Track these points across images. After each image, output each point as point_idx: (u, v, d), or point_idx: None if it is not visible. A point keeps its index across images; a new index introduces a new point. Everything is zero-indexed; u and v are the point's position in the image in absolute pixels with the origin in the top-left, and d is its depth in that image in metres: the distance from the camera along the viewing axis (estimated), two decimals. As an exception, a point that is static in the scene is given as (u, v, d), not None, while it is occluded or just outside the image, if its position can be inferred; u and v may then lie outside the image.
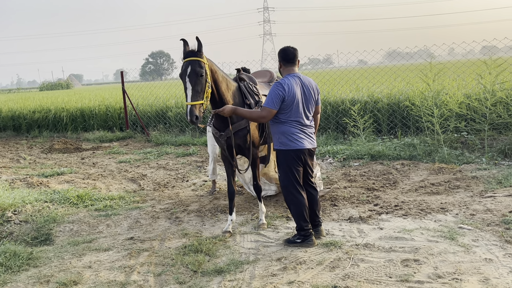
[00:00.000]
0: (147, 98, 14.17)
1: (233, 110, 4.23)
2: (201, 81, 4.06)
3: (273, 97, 4.05)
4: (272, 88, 4.10)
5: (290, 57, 4.22)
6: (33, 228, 5.11)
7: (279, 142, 4.21)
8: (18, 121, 15.03)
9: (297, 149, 4.16)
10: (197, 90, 4.05)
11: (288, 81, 4.11)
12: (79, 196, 6.18)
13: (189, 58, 4.11)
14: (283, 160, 4.22)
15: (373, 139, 8.64)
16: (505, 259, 3.72)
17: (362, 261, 3.83)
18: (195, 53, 4.13)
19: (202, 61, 4.12)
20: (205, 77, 4.10)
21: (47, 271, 4.02)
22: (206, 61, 4.18)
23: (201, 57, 4.13)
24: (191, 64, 4.08)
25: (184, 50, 4.18)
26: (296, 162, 4.19)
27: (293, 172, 4.20)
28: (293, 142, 4.15)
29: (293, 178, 4.21)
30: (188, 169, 8.09)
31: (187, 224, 5.12)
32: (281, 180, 4.32)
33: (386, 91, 10.05)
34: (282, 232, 4.67)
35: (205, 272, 3.83)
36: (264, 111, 4.09)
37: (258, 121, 4.25)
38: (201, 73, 4.05)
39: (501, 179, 5.90)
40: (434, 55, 10.16)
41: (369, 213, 5.08)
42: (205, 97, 4.10)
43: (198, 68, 4.06)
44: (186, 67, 4.09)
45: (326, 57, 21.55)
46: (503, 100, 7.50)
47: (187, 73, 4.06)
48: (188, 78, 4.06)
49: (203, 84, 4.08)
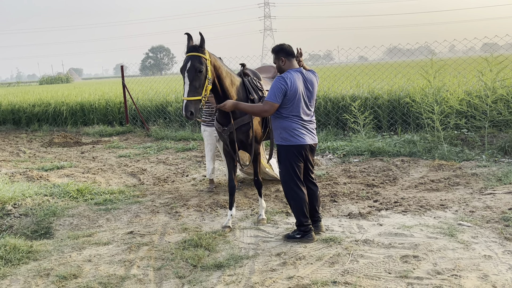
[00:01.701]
0: (147, 92, 14.15)
1: (235, 105, 4.23)
2: (200, 77, 4.05)
3: (275, 91, 4.04)
4: (274, 82, 4.09)
5: (291, 51, 4.23)
6: (33, 221, 5.12)
7: (281, 137, 4.20)
8: (18, 115, 15.02)
9: (298, 145, 4.16)
10: (195, 86, 4.04)
11: (291, 76, 4.09)
12: (79, 190, 6.18)
13: (190, 53, 4.10)
14: (285, 155, 4.22)
15: (373, 136, 8.64)
16: (504, 256, 3.72)
17: (361, 257, 3.84)
18: (197, 49, 4.11)
19: (204, 57, 4.10)
20: (205, 73, 4.08)
21: (47, 265, 4.03)
22: (208, 57, 4.16)
23: (202, 52, 4.11)
24: (191, 59, 4.07)
25: (187, 44, 4.17)
26: (297, 157, 4.19)
27: (294, 167, 4.20)
28: (294, 138, 4.15)
29: (294, 174, 4.21)
30: (187, 164, 8.09)
31: (187, 219, 5.13)
32: (281, 175, 4.32)
33: (386, 88, 10.05)
34: (282, 228, 4.67)
35: (204, 266, 3.84)
36: (266, 105, 4.09)
37: (260, 115, 4.24)
38: (200, 69, 4.04)
39: (500, 176, 5.91)
40: (435, 51, 10.12)
41: (369, 209, 5.08)
42: (203, 93, 4.09)
43: (197, 64, 4.04)
44: (186, 62, 4.08)
45: (327, 53, 21.48)
46: (503, 97, 7.50)
47: (187, 68, 4.06)
48: (187, 73, 4.05)
49: (202, 80, 4.06)
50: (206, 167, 6.35)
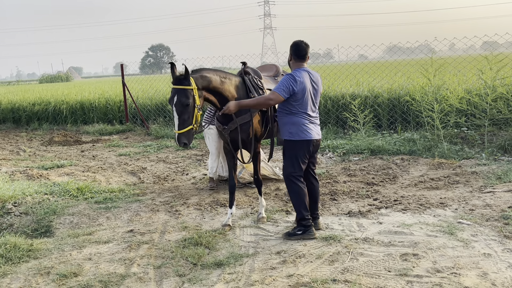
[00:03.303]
0: (147, 91, 14.14)
1: (238, 105, 4.31)
2: (188, 109, 4.10)
3: (284, 85, 4.17)
4: (285, 78, 4.22)
5: (302, 53, 4.34)
6: (33, 220, 5.12)
7: (289, 132, 4.31)
8: (18, 114, 15.02)
9: (306, 140, 4.28)
10: (184, 119, 4.12)
11: (300, 75, 4.24)
12: (79, 188, 6.18)
13: (175, 87, 4.12)
14: (291, 149, 4.33)
15: (373, 134, 8.64)
16: (504, 254, 3.73)
17: (361, 255, 3.85)
18: (182, 81, 4.10)
19: (189, 88, 4.09)
20: (193, 104, 4.12)
21: (47, 263, 4.04)
22: (194, 85, 4.14)
23: (187, 84, 4.10)
24: (177, 93, 4.09)
25: (172, 73, 4.17)
26: (303, 152, 4.31)
27: (299, 162, 4.31)
28: (302, 133, 4.27)
29: (298, 168, 4.31)
30: (187, 162, 8.09)
31: (187, 217, 5.13)
32: (284, 168, 4.40)
33: (386, 86, 10.04)
34: (282, 226, 4.68)
35: (204, 265, 3.84)
36: (273, 94, 4.20)
37: (266, 103, 4.30)
38: (186, 103, 4.07)
39: (500, 174, 5.91)
40: (435, 50, 10.15)
41: (369, 208, 5.09)
42: (194, 121, 4.16)
43: (183, 98, 4.07)
44: (173, 95, 4.12)
45: (327, 51, 21.49)
46: (503, 95, 7.50)
47: (174, 102, 4.11)
48: (174, 107, 4.11)
49: (190, 112, 4.13)
50: (210, 165, 6.25)
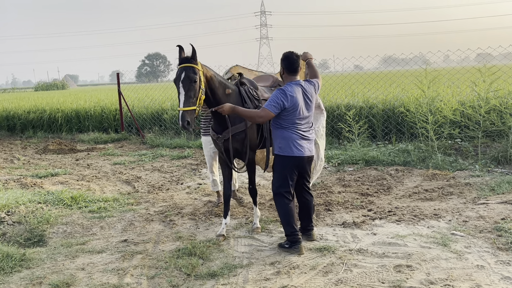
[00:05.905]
0: (143, 100, 14.16)
1: (232, 108, 4.27)
2: (194, 87, 4.11)
3: (274, 101, 4.11)
4: (275, 93, 4.16)
5: (294, 67, 4.25)
6: (26, 229, 5.09)
7: (279, 146, 4.26)
8: (13, 121, 14.96)
9: (295, 156, 4.22)
10: (190, 96, 4.10)
11: (291, 89, 4.16)
12: (73, 197, 6.15)
13: (184, 65, 4.16)
14: (280, 165, 4.27)
15: (367, 145, 8.69)
16: (497, 266, 3.75)
17: (355, 266, 3.85)
18: (190, 60, 4.18)
19: (196, 67, 4.16)
20: (199, 83, 4.14)
21: (40, 273, 4.01)
22: (201, 68, 4.23)
23: (195, 63, 4.17)
24: (185, 70, 4.13)
25: (179, 56, 4.23)
26: (292, 170, 4.25)
27: (287, 178, 4.25)
28: (291, 149, 4.20)
29: (285, 184, 4.26)
30: (182, 171, 8.08)
31: (181, 227, 5.12)
32: (272, 183, 4.37)
33: (381, 97, 10.11)
34: (276, 236, 4.68)
35: (198, 275, 3.83)
36: (263, 111, 4.15)
37: (256, 120, 4.27)
38: (194, 79, 4.10)
39: (494, 186, 5.95)
40: (430, 61, 10.23)
41: (363, 219, 5.10)
42: (197, 103, 4.15)
43: (191, 74, 4.10)
44: (180, 73, 4.14)
45: (322, 62, 21.60)
46: (496, 107, 7.57)
47: (181, 79, 4.11)
48: (181, 83, 4.11)
49: (196, 90, 4.13)
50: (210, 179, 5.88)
